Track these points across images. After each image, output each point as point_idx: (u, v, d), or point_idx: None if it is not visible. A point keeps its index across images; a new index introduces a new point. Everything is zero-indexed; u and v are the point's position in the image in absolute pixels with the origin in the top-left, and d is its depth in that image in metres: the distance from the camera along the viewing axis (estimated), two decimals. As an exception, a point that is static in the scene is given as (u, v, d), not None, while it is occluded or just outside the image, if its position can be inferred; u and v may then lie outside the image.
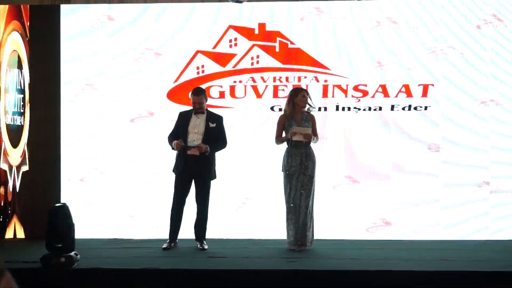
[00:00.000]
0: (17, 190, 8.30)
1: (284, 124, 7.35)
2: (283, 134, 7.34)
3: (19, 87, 8.32)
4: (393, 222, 8.13)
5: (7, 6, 8.43)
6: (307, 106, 7.35)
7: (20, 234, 8.28)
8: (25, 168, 8.25)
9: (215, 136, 7.43)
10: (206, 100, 7.56)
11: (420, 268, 6.23)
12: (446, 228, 8.12)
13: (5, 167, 8.18)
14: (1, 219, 8.02)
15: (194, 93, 7.51)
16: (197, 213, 7.48)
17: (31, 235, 8.11)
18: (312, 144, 7.31)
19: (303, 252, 7.11)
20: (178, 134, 7.45)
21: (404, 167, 8.15)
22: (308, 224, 7.17)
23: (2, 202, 8.27)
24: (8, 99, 8.27)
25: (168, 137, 7.54)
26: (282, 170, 7.31)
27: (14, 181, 8.08)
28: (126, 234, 8.27)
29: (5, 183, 8.12)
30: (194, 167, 7.32)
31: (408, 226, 8.15)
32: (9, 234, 8.28)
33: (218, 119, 7.53)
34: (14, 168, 8.21)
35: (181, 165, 7.37)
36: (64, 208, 6.30)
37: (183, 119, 7.48)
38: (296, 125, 7.26)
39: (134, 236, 8.21)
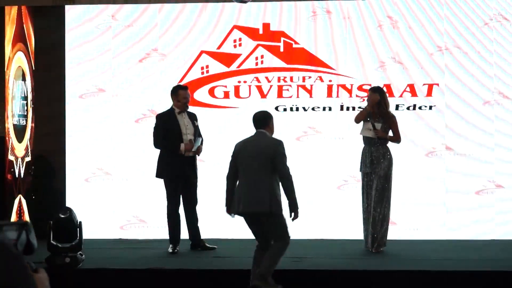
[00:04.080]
0: (22, 176, 8.62)
1: (364, 115, 7.22)
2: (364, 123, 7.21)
3: (23, 95, 8.64)
4: (398, 222, 8.11)
5: (13, 31, 8.52)
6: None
7: (25, 213, 8.45)
8: (28, 158, 8.59)
9: (198, 134, 7.34)
10: None
11: (425, 268, 6.22)
12: (451, 227, 8.11)
13: (12, 158, 8.62)
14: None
15: (182, 88, 7.32)
16: (190, 216, 7.27)
17: (35, 215, 8.29)
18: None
19: (310, 252, 7.10)
20: (169, 136, 7.17)
21: (408, 166, 8.14)
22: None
23: (9, 183, 8.77)
24: (14, 104, 8.59)
25: (161, 142, 7.21)
26: (360, 170, 7.25)
27: (20, 169, 8.60)
28: (131, 234, 8.27)
29: (12, 171, 8.67)
30: (186, 169, 7.19)
31: (413, 226, 8.14)
32: (15, 210, 8.49)
33: (196, 117, 7.40)
34: (19, 159, 8.64)
35: (176, 169, 7.15)
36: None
37: (168, 121, 7.19)
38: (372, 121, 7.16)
39: (139, 237, 8.22)
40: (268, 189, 5.68)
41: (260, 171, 5.73)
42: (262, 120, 5.99)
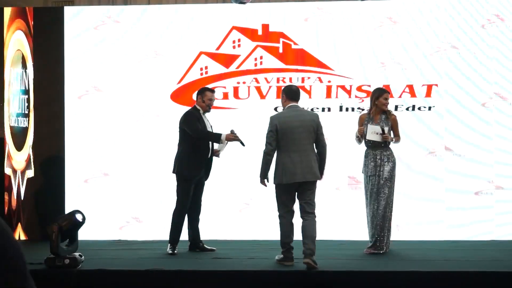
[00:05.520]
0: (22, 197, 8.18)
1: (363, 121, 7.17)
2: (369, 126, 7.12)
3: (23, 88, 8.31)
4: (398, 222, 8.11)
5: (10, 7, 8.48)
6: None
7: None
8: (30, 173, 8.14)
9: None
10: None
11: (425, 268, 6.22)
12: (450, 228, 8.11)
13: (8, 172, 8.03)
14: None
15: (210, 90, 7.31)
16: (194, 216, 7.28)
17: (35, 215, 8.16)
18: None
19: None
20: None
21: (408, 167, 8.14)
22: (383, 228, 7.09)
23: (6, 209, 8.11)
24: (12, 99, 8.29)
25: (208, 132, 7.14)
26: (362, 172, 7.24)
27: (19, 187, 7.88)
28: (131, 235, 8.27)
29: (9, 190, 7.91)
30: (205, 169, 7.24)
31: (412, 226, 8.14)
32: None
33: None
34: (18, 173, 8.09)
35: (200, 168, 7.14)
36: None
37: (199, 119, 7.18)
38: (372, 124, 7.09)
39: (139, 238, 8.22)
40: (315, 158, 6.35)
41: (308, 142, 6.33)
42: (299, 93, 6.55)
